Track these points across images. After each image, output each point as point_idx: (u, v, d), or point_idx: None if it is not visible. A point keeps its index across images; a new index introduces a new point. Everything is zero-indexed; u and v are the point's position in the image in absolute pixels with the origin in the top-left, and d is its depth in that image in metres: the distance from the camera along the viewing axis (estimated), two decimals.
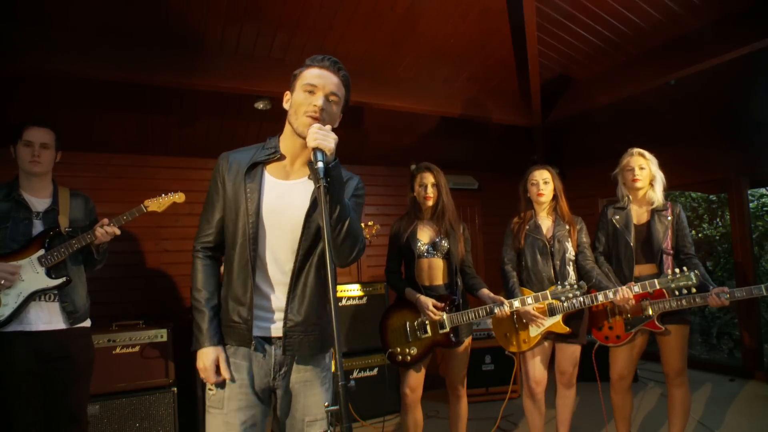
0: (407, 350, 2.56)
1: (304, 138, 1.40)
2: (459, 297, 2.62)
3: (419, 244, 2.62)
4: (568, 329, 2.57)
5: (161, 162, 3.92)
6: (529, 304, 2.53)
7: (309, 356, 1.51)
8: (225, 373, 1.44)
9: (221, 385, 1.46)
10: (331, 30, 3.13)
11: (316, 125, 1.35)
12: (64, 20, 2.71)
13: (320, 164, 1.27)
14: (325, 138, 1.31)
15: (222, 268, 1.58)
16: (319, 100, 1.42)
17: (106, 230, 2.22)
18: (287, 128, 1.51)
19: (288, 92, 1.51)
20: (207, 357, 1.44)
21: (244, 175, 1.48)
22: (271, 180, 1.51)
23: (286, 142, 1.52)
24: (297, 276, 1.48)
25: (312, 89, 1.43)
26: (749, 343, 4.19)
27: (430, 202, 2.65)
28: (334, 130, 1.40)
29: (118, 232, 2.27)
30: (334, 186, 1.33)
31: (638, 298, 2.50)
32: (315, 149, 1.30)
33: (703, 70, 3.20)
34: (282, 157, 1.52)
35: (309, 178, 1.49)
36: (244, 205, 1.47)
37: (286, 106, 1.51)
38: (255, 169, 1.50)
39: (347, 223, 1.39)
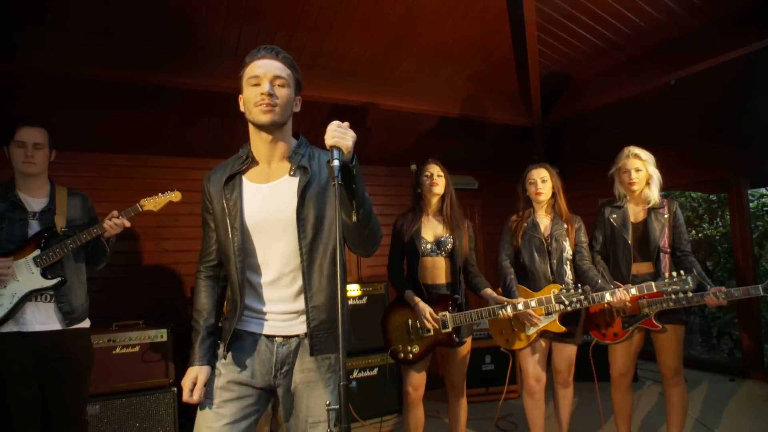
0: (409, 348, 2.55)
1: (261, 125, 1.44)
2: (461, 296, 2.62)
3: (423, 242, 2.61)
4: (564, 328, 2.57)
5: (161, 162, 3.91)
6: (531, 308, 2.51)
7: (331, 353, 1.50)
8: (195, 396, 1.45)
9: (218, 376, 1.48)
10: (331, 30, 3.13)
11: (335, 123, 1.32)
12: (64, 20, 2.71)
13: (336, 162, 1.25)
14: (342, 136, 1.29)
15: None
16: (264, 87, 1.42)
17: (114, 222, 2.22)
18: (250, 129, 1.52)
19: (241, 95, 1.51)
20: (189, 375, 1.48)
21: (222, 189, 1.50)
22: (252, 187, 1.52)
23: (255, 143, 1.53)
24: (309, 274, 1.47)
25: (256, 81, 1.44)
26: (749, 343, 4.19)
27: (437, 189, 2.63)
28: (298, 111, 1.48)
29: (127, 223, 2.27)
30: (356, 183, 1.33)
31: (634, 299, 2.50)
32: (332, 147, 1.28)
33: (703, 70, 3.19)
34: (256, 162, 1.54)
35: (290, 174, 1.51)
36: (228, 219, 1.48)
37: (243, 109, 1.51)
38: (233, 180, 1.51)
39: (372, 217, 1.44)
